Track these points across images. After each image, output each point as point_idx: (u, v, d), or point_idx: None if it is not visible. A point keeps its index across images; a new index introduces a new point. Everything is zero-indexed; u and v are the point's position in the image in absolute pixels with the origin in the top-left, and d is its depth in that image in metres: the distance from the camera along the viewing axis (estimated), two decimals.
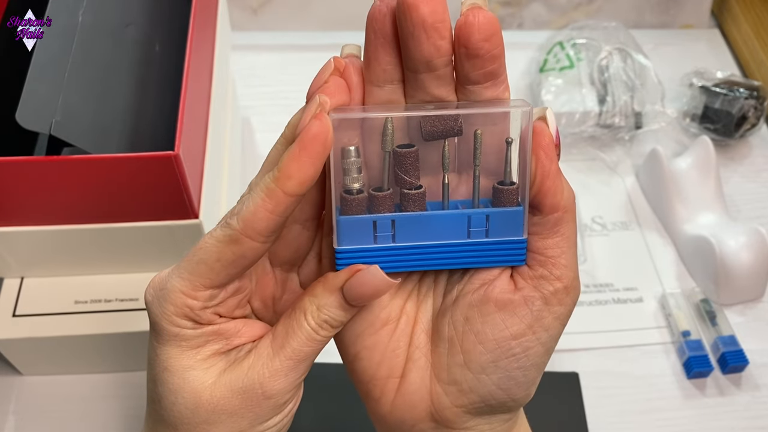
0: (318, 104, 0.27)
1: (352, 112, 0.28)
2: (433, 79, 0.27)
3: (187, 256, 0.28)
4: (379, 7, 0.27)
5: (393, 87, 0.28)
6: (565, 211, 0.28)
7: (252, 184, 0.27)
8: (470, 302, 0.30)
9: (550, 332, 0.29)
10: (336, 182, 0.28)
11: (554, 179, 0.28)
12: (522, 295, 0.29)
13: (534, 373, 0.29)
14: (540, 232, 0.29)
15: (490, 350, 0.29)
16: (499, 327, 0.29)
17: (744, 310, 0.58)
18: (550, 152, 0.28)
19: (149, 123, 0.45)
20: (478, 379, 0.29)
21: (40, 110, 0.37)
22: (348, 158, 0.28)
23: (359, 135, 0.28)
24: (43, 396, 0.51)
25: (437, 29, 0.25)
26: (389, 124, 0.28)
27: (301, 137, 0.26)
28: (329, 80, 0.28)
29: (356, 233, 0.29)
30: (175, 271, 0.28)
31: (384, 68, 0.27)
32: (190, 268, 0.28)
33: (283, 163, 0.26)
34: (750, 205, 0.66)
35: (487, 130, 0.28)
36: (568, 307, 0.29)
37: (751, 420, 0.53)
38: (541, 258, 0.29)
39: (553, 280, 0.29)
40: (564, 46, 0.70)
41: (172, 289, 0.28)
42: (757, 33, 0.76)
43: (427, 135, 0.28)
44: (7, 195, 0.41)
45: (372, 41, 0.27)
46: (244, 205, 0.27)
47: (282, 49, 0.78)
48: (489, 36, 0.25)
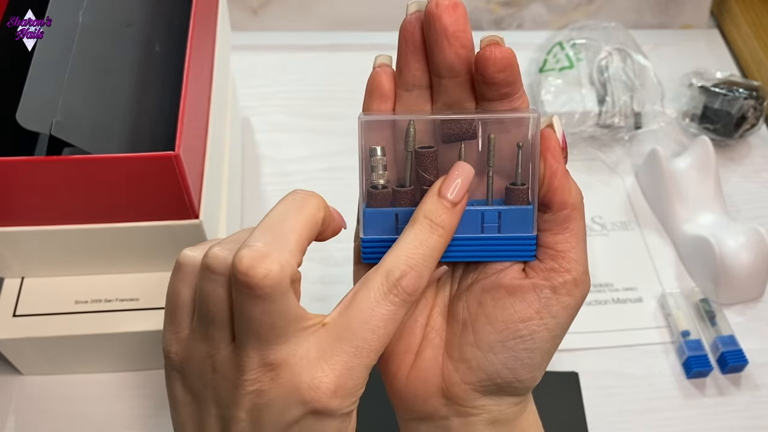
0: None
1: (380, 115, 0.31)
2: (455, 85, 0.30)
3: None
4: (410, 20, 0.30)
5: (420, 91, 0.31)
6: (574, 208, 0.31)
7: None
8: (483, 287, 0.32)
9: (557, 319, 0.31)
10: (364, 178, 0.32)
11: (562, 179, 0.30)
12: (532, 283, 0.31)
13: (539, 357, 0.31)
14: (551, 228, 0.31)
15: (498, 331, 0.31)
16: (508, 310, 0.31)
17: (743, 309, 0.58)
18: (557, 154, 0.31)
19: (149, 123, 0.45)
20: (486, 358, 0.31)
21: (40, 110, 0.37)
22: (374, 156, 0.31)
23: (389, 136, 0.32)
24: (43, 396, 0.51)
25: (458, 38, 0.29)
26: (411, 127, 0.31)
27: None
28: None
29: (380, 224, 0.32)
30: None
31: (414, 74, 0.31)
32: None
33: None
34: (749, 205, 0.66)
35: (501, 135, 0.31)
36: (576, 299, 0.31)
37: (751, 420, 0.53)
38: (552, 252, 0.31)
39: (563, 272, 0.31)
40: (564, 46, 0.70)
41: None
42: (757, 33, 0.76)
43: (444, 137, 0.31)
44: (8, 195, 0.41)
45: (403, 49, 0.31)
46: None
47: (282, 49, 0.78)
48: (504, 68, 0.29)
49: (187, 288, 0.30)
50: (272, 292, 0.26)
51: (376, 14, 0.80)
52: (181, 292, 0.30)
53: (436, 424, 0.33)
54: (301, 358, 0.27)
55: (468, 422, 0.32)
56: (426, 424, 0.33)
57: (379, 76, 0.31)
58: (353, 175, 0.67)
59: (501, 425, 0.33)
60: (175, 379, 0.31)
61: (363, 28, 0.80)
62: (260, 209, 0.64)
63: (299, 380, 0.27)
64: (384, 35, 0.78)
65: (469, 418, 0.32)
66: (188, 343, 0.30)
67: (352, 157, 0.69)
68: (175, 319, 0.30)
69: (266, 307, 0.26)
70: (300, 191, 0.29)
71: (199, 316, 0.29)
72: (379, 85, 0.31)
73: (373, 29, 0.80)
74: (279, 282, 0.26)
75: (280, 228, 0.27)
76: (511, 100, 0.30)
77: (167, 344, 0.30)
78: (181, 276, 0.30)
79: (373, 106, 0.32)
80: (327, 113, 0.71)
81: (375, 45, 0.77)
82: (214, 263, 0.28)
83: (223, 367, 0.28)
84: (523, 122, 0.31)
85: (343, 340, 0.28)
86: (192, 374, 0.30)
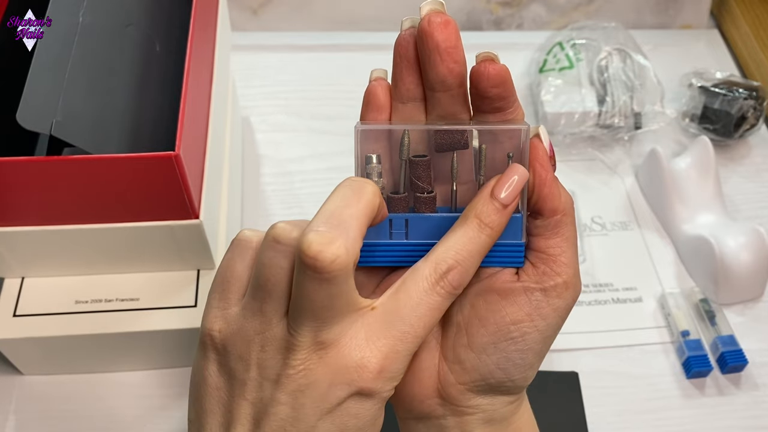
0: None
1: (377, 124, 0.32)
2: (448, 98, 0.31)
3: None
4: (404, 36, 0.31)
5: (415, 104, 0.32)
6: (564, 214, 0.32)
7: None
8: (476, 291, 0.33)
9: (547, 321, 0.32)
10: None
11: (551, 186, 0.31)
12: (523, 286, 0.32)
13: (531, 357, 0.32)
14: (542, 234, 0.32)
15: (490, 333, 0.32)
16: (500, 313, 0.32)
17: (743, 309, 0.58)
18: (545, 163, 0.31)
19: (149, 123, 0.45)
20: (479, 359, 0.32)
21: (40, 110, 0.37)
22: (370, 164, 0.32)
23: (384, 146, 0.33)
24: (43, 396, 0.52)
25: (450, 53, 0.30)
26: (406, 137, 0.32)
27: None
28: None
29: (375, 229, 0.32)
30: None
31: (408, 87, 0.32)
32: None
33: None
34: (749, 205, 0.66)
35: (493, 146, 0.32)
36: (567, 302, 0.32)
37: (751, 420, 0.53)
38: (544, 256, 0.32)
39: (554, 276, 0.32)
40: (563, 46, 0.70)
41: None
42: (757, 33, 0.76)
43: (437, 147, 0.32)
44: (8, 195, 0.41)
45: (398, 64, 0.32)
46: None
47: (282, 49, 0.78)
48: (497, 84, 0.30)
49: (243, 263, 0.30)
50: (339, 275, 0.27)
51: (376, 14, 0.80)
52: (237, 266, 0.30)
53: (433, 423, 0.34)
54: (350, 339, 0.28)
55: (463, 421, 0.33)
56: (423, 423, 0.34)
57: (375, 89, 0.32)
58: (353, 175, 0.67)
59: (496, 423, 0.33)
60: (211, 361, 0.30)
61: (363, 28, 0.80)
62: (260, 209, 0.64)
63: (348, 360, 0.28)
64: (384, 35, 0.78)
65: (464, 417, 0.33)
66: (237, 319, 0.30)
67: (352, 157, 0.69)
68: (225, 295, 0.30)
69: (330, 290, 0.27)
70: (356, 179, 0.30)
71: (254, 288, 0.29)
72: (375, 97, 0.32)
73: (373, 29, 0.80)
74: (345, 267, 0.27)
75: (342, 214, 0.28)
76: (504, 113, 0.31)
77: (211, 322, 0.30)
78: (240, 251, 0.31)
79: (370, 118, 0.33)
80: (327, 113, 0.71)
81: (375, 45, 0.77)
82: (282, 234, 0.28)
83: (273, 345, 0.29)
84: (515, 134, 0.31)
85: (391, 324, 0.29)
86: (234, 354, 0.30)
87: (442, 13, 0.29)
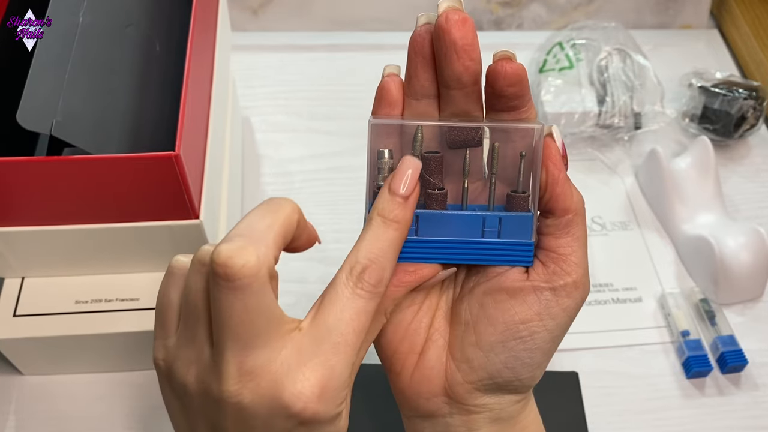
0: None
1: (390, 119, 0.32)
2: (462, 96, 0.31)
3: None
4: (420, 32, 0.31)
5: (429, 101, 0.32)
6: (575, 213, 0.32)
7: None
8: (485, 290, 0.33)
9: (556, 320, 0.32)
10: (371, 179, 0.33)
11: (563, 185, 0.31)
12: (532, 285, 0.32)
13: (539, 356, 0.32)
14: (553, 233, 0.32)
15: (499, 332, 0.32)
16: (509, 312, 0.32)
17: (743, 309, 0.58)
18: (558, 162, 0.32)
19: (149, 123, 0.45)
20: (487, 358, 0.32)
21: (40, 111, 0.37)
22: (382, 159, 0.32)
23: (396, 142, 0.32)
24: (43, 396, 0.51)
25: (466, 51, 0.29)
26: (419, 132, 0.32)
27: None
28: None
29: None
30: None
31: (422, 84, 0.32)
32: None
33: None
34: (749, 204, 0.66)
35: (506, 144, 0.32)
36: (576, 301, 0.32)
37: (751, 420, 0.53)
38: (554, 255, 0.32)
39: (564, 275, 0.32)
40: (563, 46, 0.70)
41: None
42: (756, 33, 0.76)
43: (450, 143, 0.32)
44: (8, 195, 0.41)
45: (413, 60, 0.31)
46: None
47: (282, 49, 0.78)
48: (514, 83, 0.30)
49: (177, 291, 0.30)
50: (250, 283, 0.26)
51: (376, 14, 0.80)
52: (171, 294, 0.30)
53: (439, 421, 0.34)
54: (281, 365, 0.27)
55: (470, 420, 0.33)
56: (429, 421, 0.34)
57: (388, 85, 0.32)
58: (353, 174, 0.67)
59: (502, 422, 0.33)
60: (165, 386, 0.31)
61: (363, 28, 0.80)
62: None
63: (282, 389, 0.27)
64: (384, 35, 0.78)
65: (471, 415, 0.33)
66: (174, 350, 0.30)
67: (352, 157, 0.69)
68: (164, 324, 0.31)
69: (246, 301, 0.26)
70: (275, 198, 0.30)
71: (185, 315, 0.29)
72: (388, 93, 0.32)
73: (373, 29, 0.80)
74: (257, 272, 0.26)
75: (257, 226, 0.28)
76: (518, 112, 0.31)
77: (156, 352, 0.31)
78: (174, 279, 0.30)
79: (382, 113, 0.32)
80: (327, 113, 0.71)
81: (375, 45, 0.77)
82: (204, 256, 0.28)
83: (208, 373, 0.28)
84: (528, 133, 0.31)
85: (320, 339, 0.28)
86: (177, 381, 0.30)
87: (459, 10, 0.29)
